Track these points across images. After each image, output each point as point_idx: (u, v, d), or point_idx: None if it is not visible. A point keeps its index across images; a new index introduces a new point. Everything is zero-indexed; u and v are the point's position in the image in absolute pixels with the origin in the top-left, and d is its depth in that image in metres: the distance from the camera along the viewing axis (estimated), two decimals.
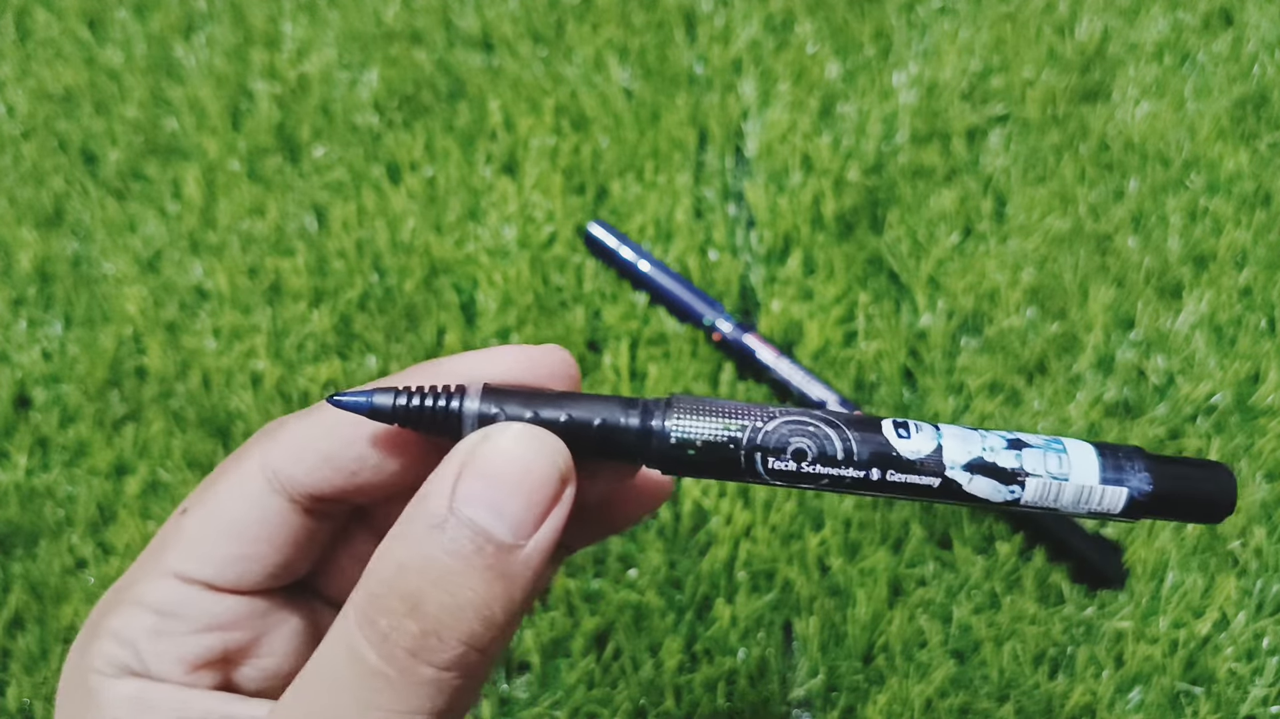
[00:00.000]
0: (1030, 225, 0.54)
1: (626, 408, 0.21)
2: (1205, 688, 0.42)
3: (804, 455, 0.21)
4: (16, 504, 0.46)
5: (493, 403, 0.21)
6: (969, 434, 0.21)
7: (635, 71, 0.60)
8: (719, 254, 0.53)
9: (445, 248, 0.53)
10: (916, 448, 0.21)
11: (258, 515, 0.22)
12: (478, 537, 0.19)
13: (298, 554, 0.23)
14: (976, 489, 0.21)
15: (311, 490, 0.22)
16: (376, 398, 0.21)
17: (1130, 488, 0.21)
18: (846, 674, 0.42)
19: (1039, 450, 0.21)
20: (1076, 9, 0.62)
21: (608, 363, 0.50)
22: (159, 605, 0.22)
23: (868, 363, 0.50)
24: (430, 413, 0.21)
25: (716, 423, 0.21)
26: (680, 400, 0.21)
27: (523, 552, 0.19)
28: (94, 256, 0.53)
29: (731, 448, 0.21)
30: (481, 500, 0.19)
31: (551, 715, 0.42)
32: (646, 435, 0.21)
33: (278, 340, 0.50)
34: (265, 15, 0.62)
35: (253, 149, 0.56)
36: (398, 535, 0.20)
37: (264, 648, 0.23)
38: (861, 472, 0.21)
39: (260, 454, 0.22)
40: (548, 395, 0.21)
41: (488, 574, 0.19)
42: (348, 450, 0.22)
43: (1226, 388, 0.49)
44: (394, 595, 0.19)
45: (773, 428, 0.21)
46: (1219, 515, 0.22)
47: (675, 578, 0.45)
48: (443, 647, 0.19)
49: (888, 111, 0.58)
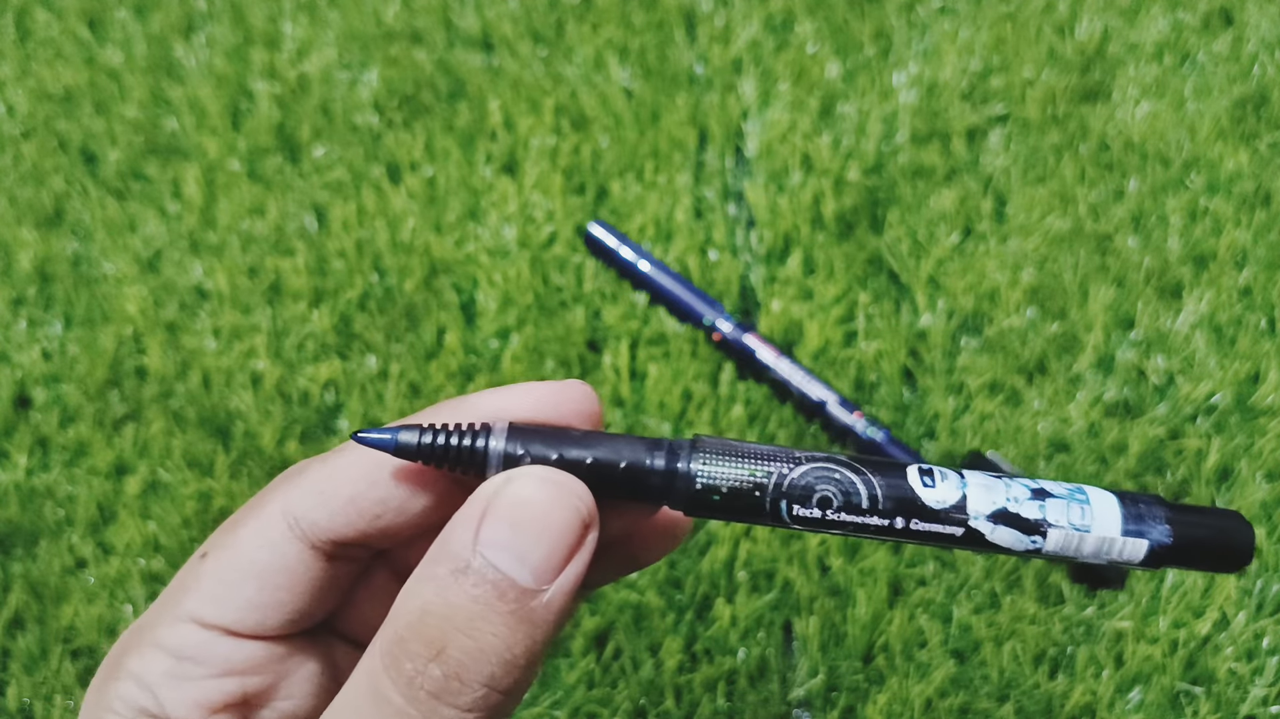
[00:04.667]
0: (1030, 225, 0.54)
1: (651, 450, 0.21)
2: (1205, 688, 0.42)
3: (829, 503, 0.21)
4: (16, 504, 0.46)
5: (518, 442, 0.21)
6: (993, 483, 0.21)
7: (635, 71, 0.60)
8: (719, 254, 0.53)
9: (445, 248, 0.53)
10: (941, 497, 0.21)
11: (278, 563, 0.22)
12: (501, 582, 0.19)
13: (318, 600, 0.23)
14: (999, 539, 0.21)
15: (334, 535, 0.22)
16: (402, 435, 0.21)
17: (1151, 539, 0.21)
18: (846, 674, 0.42)
19: (1063, 501, 0.21)
20: (1076, 9, 0.62)
21: (608, 363, 0.50)
22: (177, 650, 0.22)
23: (868, 363, 0.50)
24: (455, 451, 0.21)
25: (742, 468, 0.21)
26: (705, 443, 0.21)
27: (545, 596, 0.20)
28: (94, 256, 0.53)
29: (757, 495, 0.21)
30: (504, 545, 0.20)
31: (551, 715, 0.42)
32: (671, 477, 0.21)
33: (278, 340, 0.50)
34: (265, 15, 0.62)
35: (253, 149, 0.56)
36: (422, 578, 0.20)
37: (283, 692, 0.23)
38: (886, 520, 0.21)
39: (282, 499, 0.22)
40: (572, 435, 0.22)
41: (510, 619, 0.19)
42: (371, 493, 0.22)
43: (1226, 388, 0.49)
44: (418, 640, 0.19)
45: (799, 474, 0.21)
46: (1236, 566, 0.22)
47: (675, 578, 0.45)
48: (465, 689, 0.19)
49: (888, 111, 0.58)
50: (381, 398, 0.49)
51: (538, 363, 0.50)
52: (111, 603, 0.44)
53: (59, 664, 0.42)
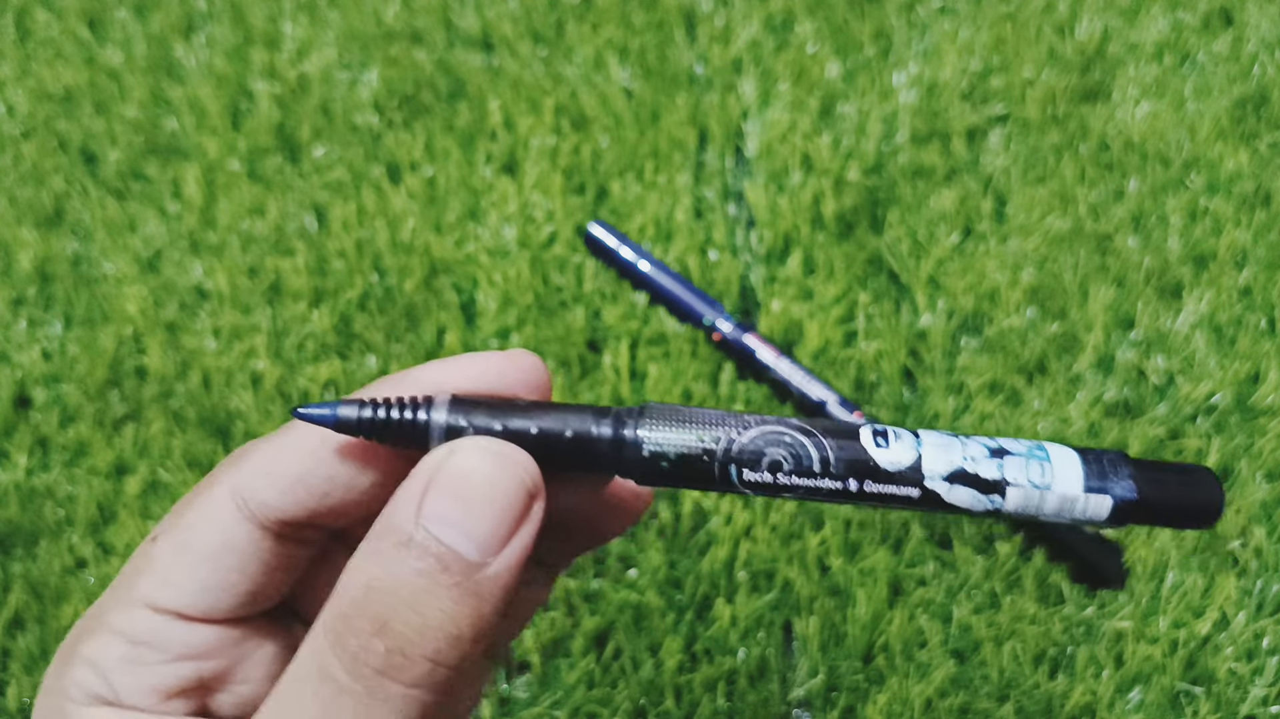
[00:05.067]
0: (1030, 225, 0.54)
1: (598, 417, 0.21)
2: (1205, 688, 0.42)
3: (779, 467, 0.21)
4: (16, 504, 0.46)
5: (460, 414, 0.21)
6: (950, 442, 0.21)
7: (635, 71, 0.60)
8: (719, 254, 0.53)
9: (445, 248, 0.53)
10: (895, 458, 0.21)
11: (228, 544, 0.22)
12: (445, 555, 0.19)
13: (271, 581, 0.23)
14: (956, 499, 0.21)
15: (283, 515, 0.22)
16: (341, 409, 0.21)
17: (1114, 495, 0.21)
18: (846, 674, 0.42)
19: (1021, 459, 0.21)
20: (1076, 9, 0.62)
21: (608, 363, 0.50)
22: (131, 635, 0.21)
23: (868, 363, 0.50)
24: (397, 424, 0.21)
25: (690, 434, 0.21)
26: (653, 409, 0.21)
27: (490, 569, 0.19)
28: (94, 256, 0.53)
29: (705, 460, 0.21)
30: (447, 518, 0.19)
31: (551, 715, 0.42)
32: (619, 445, 0.21)
33: (278, 340, 0.50)
34: (265, 15, 0.62)
35: (253, 149, 0.56)
36: (365, 553, 0.20)
37: (240, 675, 0.23)
38: (838, 483, 0.21)
39: (229, 480, 0.22)
40: (517, 406, 0.21)
41: (455, 592, 0.19)
42: (318, 469, 0.22)
43: (1226, 388, 0.49)
44: (362, 616, 0.19)
45: (748, 439, 0.21)
46: (1207, 521, 0.22)
47: (675, 578, 0.45)
48: (410, 664, 0.19)
49: (888, 111, 0.58)
50: None
51: None
52: None
53: None
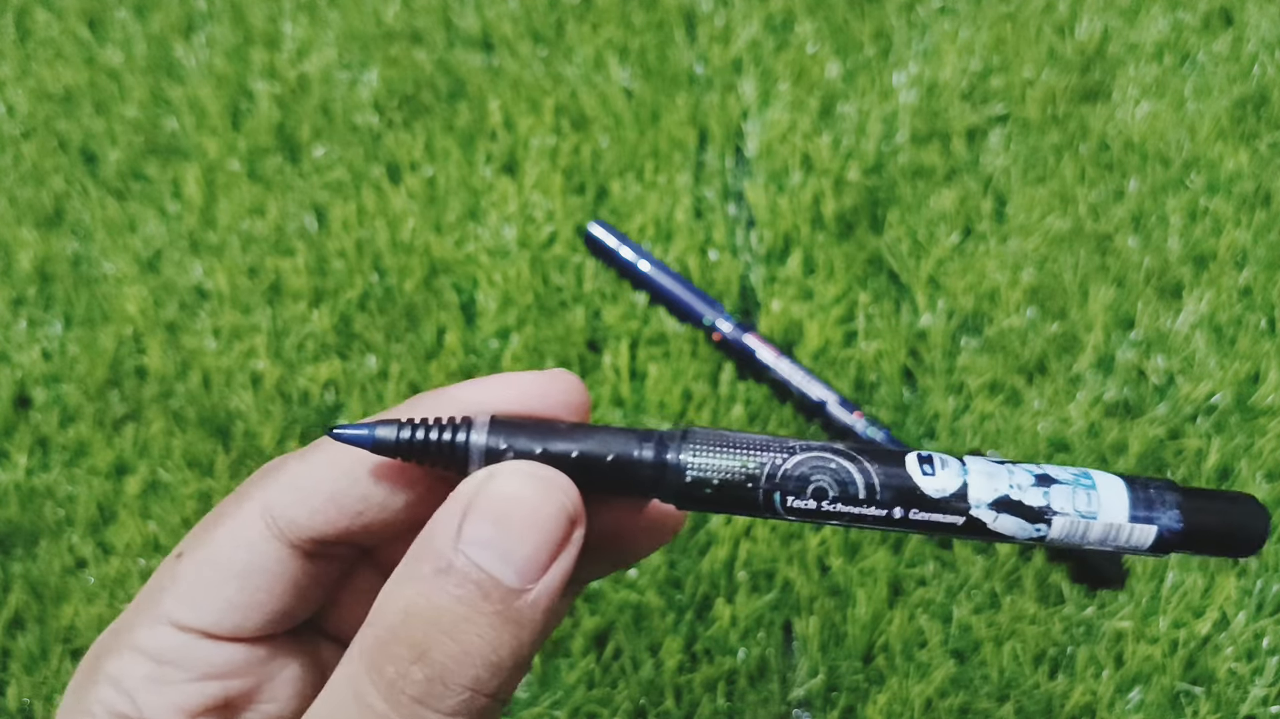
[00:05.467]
0: (1030, 225, 0.54)
1: (641, 441, 0.21)
2: (1205, 688, 0.42)
3: (824, 494, 0.20)
4: (16, 504, 0.46)
5: (501, 436, 0.20)
6: (995, 470, 0.21)
7: (635, 71, 0.60)
8: (719, 254, 0.53)
9: (445, 248, 0.53)
10: (941, 485, 0.20)
11: (257, 563, 0.21)
12: (485, 581, 0.19)
13: (299, 600, 0.22)
14: (1001, 527, 0.20)
15: (314, 534, 0.21)
16: (379, 430, 0.20)
17: (1160, 526, 0.20)
18: (846, 674, 0.42)
19: (1068, 487, 0.20)
20: (1076, 9, 0.62)
21: (608, 363, 0.50)
22: (156, 653, 0.21)
23: (868, 363, 0.50)
24: (435, 445, 0.20)
25: (734, 459, 0.20)
26: (696, 434, 0.21)
27: (530, 595, 0.19)
28: (94, 256, 0.53)
29: (749, 487, 0.20)
30: (487, 544, 0.19)
31: (551, 715, 0.42)
32: (661, 469, 0.20)
33: (278, 340, 0.50)
34: (265, 15, 0.62)
35: (253, 149, 0.56)
36: (403, 578, 0.19)
37: (266, 694, 0.23)
38: (884, 510, 0.20)
39: (260, 497, 0.22)
40: (558, 428, 0.21)
41: (495, 619, 0.19)
42: (352, 489, 0.21)
43: (1226, 388, 0.49)
44: (400, 643, 0.19)
45: (792, 465, 0.20)
46: (1249, 550, 0.21)
47: (675, 578, 0.45)
48: (448, 693, 0.18)
49: (888, 111, 0.58)
50: (381, 398, 0.49)
51: (538, 363, 0.50)
52: (111, 603, 0.44)
53: (59, 664, 0.42)
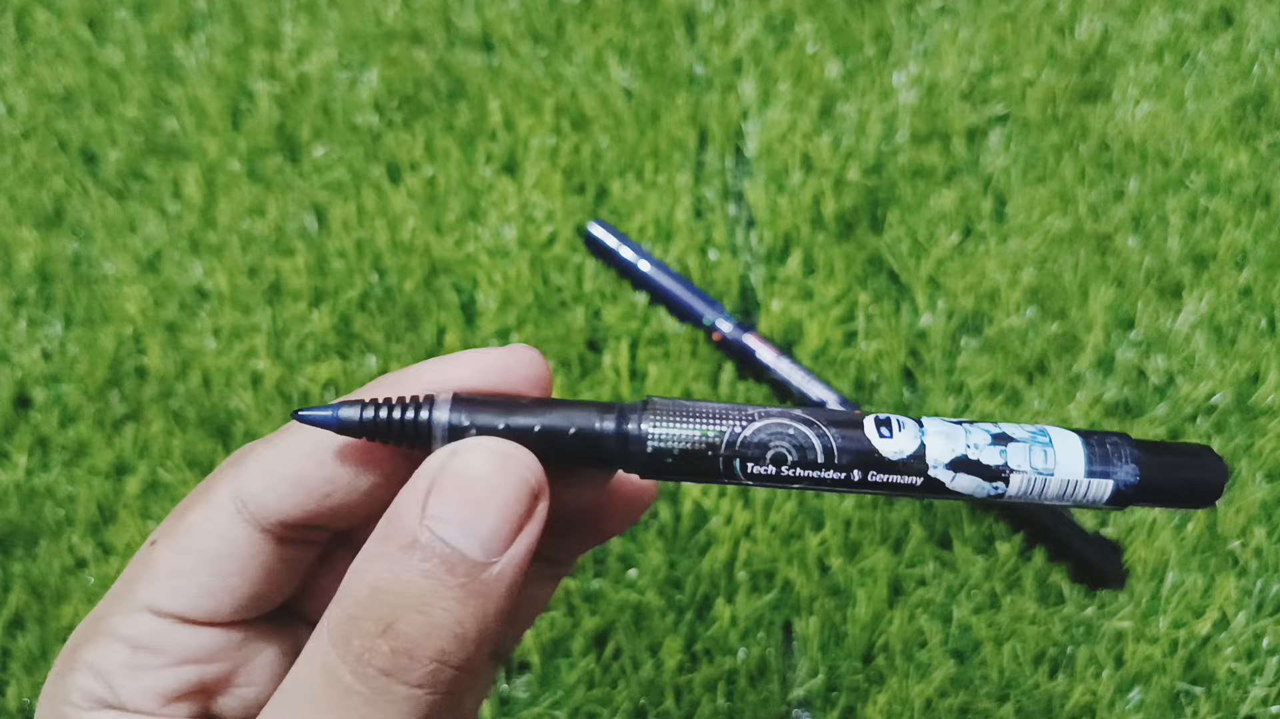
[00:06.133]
0: (1030, 225, 0.54)
1: (602, 413, 0.21)
2: (1205, 688, 0.42)
3: (783, 459, 0.21)
4: (16, 504, 0.46)
5: (463, 413, 0.21)
6: (953, 430, 0.21)
7: (635, 71, 0.60)
8: (719, 254, 0.53)
9: (445, 248, 0.53)
10: (899, 447, 0.21)
11: (229, 548, 0.22)
12: (450, 556, 0.19)
13: (273, 584, 0.23)
14: (959, 486, 0.21)
15: (284, 518, 0.22)
16: (343, 411, 0.21)
17: (1117, 480, 0.21)
18: (846, 674, 0.42)
19: (1024, 445, 0.21)
20: (1076, 9, 0.62)
21: (608, 363, 0.50)
22: (133, 639, 0.21)
23: (868, 363, 0.50)
24: (399, 425, 0.21)
25: (694, 428, 0.21)
26: (656, 404, 0.21)
27: (495, 569, 0.19)
28: (94, 256, 0.53)
29: (710, 455, 0.21)
30: (452, 519, 0.19)
31: (551, 715, 0.42)
32: (623, 440, 0.21)
33: (278, 340, 0.50)
34: (265, 15, 0.62)
35: (253, 149, 0.56)
36: (369, 555, 0.20)
37: (243, 678, 0.23)
38: (842, 473, 0.21)
39: (229, 483, 0.22)
40: (520, 404, 0.21)
41: (461, 593, 0.19)
42: (319, 472, 0.22)
43: (1226, 388, 0.49)
44: (368, 617, 0.19)
45: (751, 432, 0.21)
46: (1207, 501, 0.21)
47: (675, 578, 0.45)
48: (415, 664, 0.19)
49: (888, 111, 0.58)
50: None
51: None
52: None
53: None
